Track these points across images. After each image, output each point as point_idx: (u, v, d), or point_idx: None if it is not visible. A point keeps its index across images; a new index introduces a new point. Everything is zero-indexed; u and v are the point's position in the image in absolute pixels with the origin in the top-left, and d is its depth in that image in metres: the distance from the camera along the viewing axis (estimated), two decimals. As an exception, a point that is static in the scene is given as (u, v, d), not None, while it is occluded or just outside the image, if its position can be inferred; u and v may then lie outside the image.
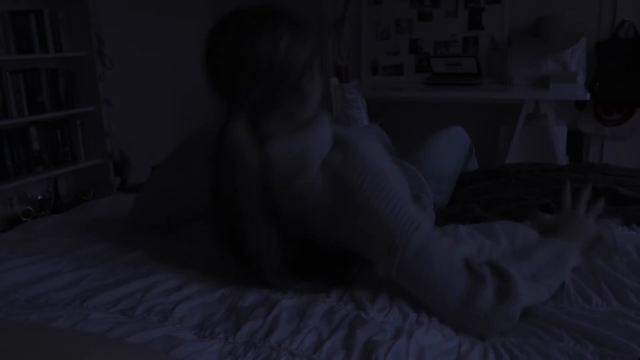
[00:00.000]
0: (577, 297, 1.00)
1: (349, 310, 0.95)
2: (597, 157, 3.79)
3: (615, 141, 3.71)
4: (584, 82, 3.50)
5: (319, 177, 1.01)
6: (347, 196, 0.99)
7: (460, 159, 1.75)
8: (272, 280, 1.00)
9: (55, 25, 3.08)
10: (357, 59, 3.98)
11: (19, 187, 3.03)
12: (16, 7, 2.92)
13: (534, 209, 1.35)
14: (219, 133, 0.96)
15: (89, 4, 3.13)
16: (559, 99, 3.34)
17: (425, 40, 3.96)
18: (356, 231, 1.00)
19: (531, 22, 3.60)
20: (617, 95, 3.56)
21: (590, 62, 3.59)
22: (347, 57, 3.72)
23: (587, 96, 3.10)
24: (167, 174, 1.24)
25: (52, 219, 1.49)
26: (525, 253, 1.05)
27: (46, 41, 3.03)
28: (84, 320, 0.89)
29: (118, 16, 3.51)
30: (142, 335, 0.85)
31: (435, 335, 0.89)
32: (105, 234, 1.30)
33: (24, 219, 2.88)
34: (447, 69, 3.68)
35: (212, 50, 0.99)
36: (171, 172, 1.23)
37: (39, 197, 3.14)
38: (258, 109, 0.97)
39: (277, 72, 0.95)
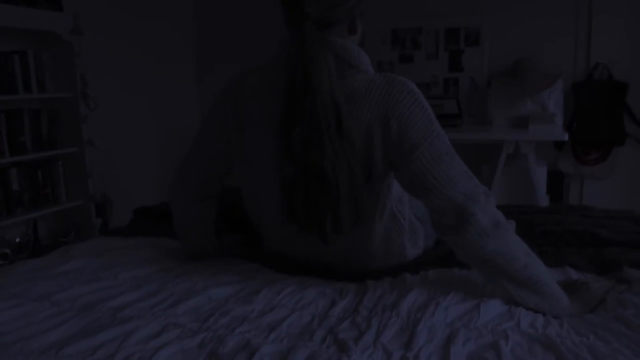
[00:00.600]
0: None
1: (331, 354, 0.94)
2: (577, 196, 3.84)
3: (595, 180, 3.76)
4: (562, 123, 3.57)
5: (370, 77, 1.20)
6: (397, 88, 1.18)
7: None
8: (342, 208, 1.14)
9: (39, 66, 3.09)
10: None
11: (-2, 229, 2.98)
12: (0, 47, 2.93)
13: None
14: (292, 33, 1.17)
15: (74, 46, 3.16)
16: (538, 139, 3.39)
17: (406, 81, 4.03)
18: (394, 120, 1.17)
19: (509, 63, 3.69)
20: (594, 136, 3.64)
21: (568, 103, 3.68)
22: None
23: (565, 137, 3.16)
24: (208, 144, 1.36)
25: (30, 262, 1.47)
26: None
27: (30, 82, 3.02)
28: (59, 371, 0.87)
29: (102, 57, 3.53)
30: (119, 384, 0.83)
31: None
32: (84, 279, 1.28)
33: (0, 263, 2.82)
34: (429, 110, 3.72)
35: None
36: (212, 141, 1.35)
37: (17, 240, 3.08)
38: (318, 23, 1.16)
39: None
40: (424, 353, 0.94)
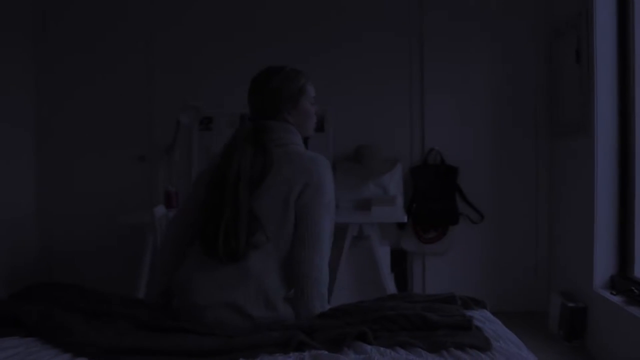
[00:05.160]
0: None
1: None
2: (420, 272, 4.05)
3: (435, 256, 4.00)
4: (402, 204, 3.79)
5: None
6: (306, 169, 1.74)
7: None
8: (239, 240, 1.56)
9: None
10: (187, 184, 3.95)
11: None
12: None
13: (351, 337, 1.37)
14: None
15: None
16: (381, 221, 3.55)
17: (256, 165, 4.05)
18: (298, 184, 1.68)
19: (352, 149, 3.89)
20: (431, 215, 3.90)
21: (407, 186, 3.93)
22: (178, 182, 3.67)
23: (405, 218, 3.34)
24: (197, 197, 1.81)
25: None
26: None
27: None
28: None
29: None
30: None
31: None
32: None
33: None
34: (277, 194, 3.76)
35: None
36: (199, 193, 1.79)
37: None
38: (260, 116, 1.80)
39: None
40: None
